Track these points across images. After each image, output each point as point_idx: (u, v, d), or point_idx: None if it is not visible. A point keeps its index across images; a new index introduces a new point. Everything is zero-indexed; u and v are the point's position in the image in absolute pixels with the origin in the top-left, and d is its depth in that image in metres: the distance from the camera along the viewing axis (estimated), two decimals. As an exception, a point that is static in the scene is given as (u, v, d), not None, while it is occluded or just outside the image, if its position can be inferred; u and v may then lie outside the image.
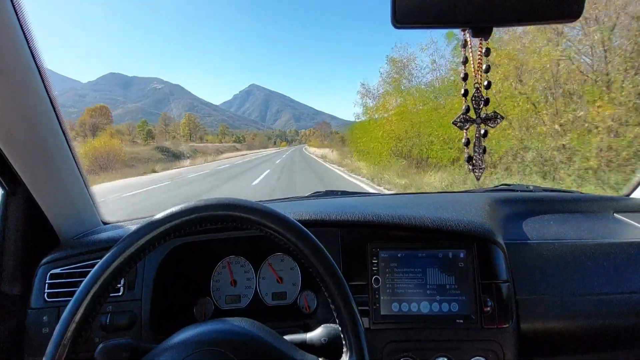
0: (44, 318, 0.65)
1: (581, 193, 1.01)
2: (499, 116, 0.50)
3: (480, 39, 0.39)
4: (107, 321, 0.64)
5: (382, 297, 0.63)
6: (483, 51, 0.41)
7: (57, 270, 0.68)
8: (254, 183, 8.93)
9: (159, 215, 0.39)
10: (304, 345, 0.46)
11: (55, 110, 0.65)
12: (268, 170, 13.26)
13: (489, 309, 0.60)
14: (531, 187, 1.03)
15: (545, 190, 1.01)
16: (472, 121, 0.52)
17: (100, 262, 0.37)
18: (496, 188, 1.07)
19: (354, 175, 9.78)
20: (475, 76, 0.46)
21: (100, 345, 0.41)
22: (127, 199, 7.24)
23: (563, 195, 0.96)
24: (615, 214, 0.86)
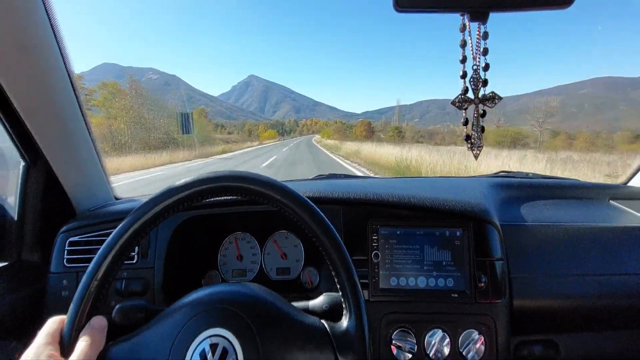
0: (64, 282, 0.68)
1: (579, 180, 1.02)
2: (496, 96, 0.53)
3: (479, 23, 0.42)
4: (123, 287, 0.68)
5: (381, 272, 0.65)
6: (481, 34, 0.44)
7: (76, 238, 0.71)
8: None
9: (177, 184, 0.40)
10: (306, 312, 0.48)
11: (74, 89, 0.67)
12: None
13: (482, 284, 0.63)
14: (530, 175, 1.04)
15: (544, 177, 1.03)
16: (471, 101, 0.55)
17: (122, 223, 0.39)
18: (496, 175, 1.09)
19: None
20: (474, 59, 0.49)
21: (117, 306, 0.43)
22: None
23: (561, 182, 0.97)
24: (611, 201, 0.87)
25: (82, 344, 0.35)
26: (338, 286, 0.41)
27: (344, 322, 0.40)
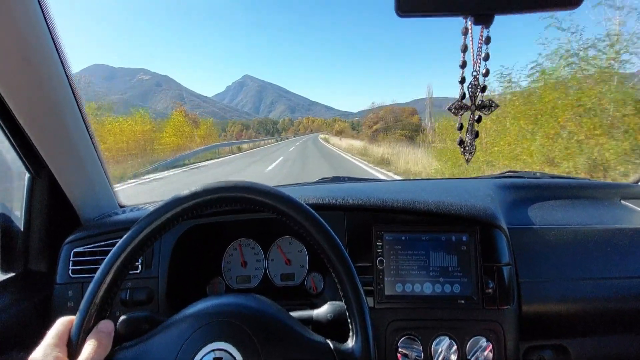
0: (69, 293, 0.68)
1: (589, 180, 1.00)
2: (493, 104, 0.52)
3: (482, 27, 0.40)
4: (127, 296, 0.67)
5: (386, 278, 0.64)
6: (483, 39, 0.42)
7: (80, 249, 0.71)
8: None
9: (182, 194, 0.41)
10: (310, 321, 0.48)
11: (76, 98, 0.66)
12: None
13: (490, 290, 0.61)
14: (538, 174, 1.03)
15: (552, 177, 1.01)
16: (467, 108, 0.54)
17: (130, 231, 0.39)
18: (503, 175, 1.08)
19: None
20: (474, 64, 0.47)
21: (122, 317, 0.43)
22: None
23: (570, 182, 0.95)
24: (622, 201, 0.85)
25: (89, 347, 0.36)
26: (343, 300, 0.41)
27: (350, 343, 0.40)
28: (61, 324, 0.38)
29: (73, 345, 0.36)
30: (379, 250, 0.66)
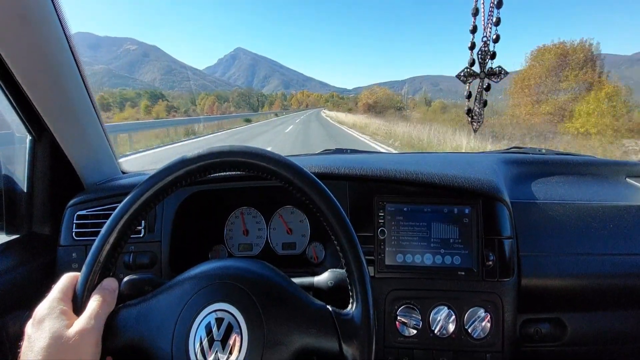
0: (73, 255, 0.70)
1: (595, 157, 0.99)
2: (503, 71, 0.52)
3: (495, -11, 0.40)
4: (130, 260, 0.69)
5: (387, 248, 0.65)
6: (495, 2, 0.42)
7: (83, 212, 0.72)
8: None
9: (189, 155, 0.40)
10: (311, 288, 0.49)
11: (76, 61, 0.65)
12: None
13: (490, 263, 0.61)
14: (543, 150, 1.02)
15: (558, 153, 1.00)
16: (476, 75, 0.54)
17: (136, 190, 0.39)
18: (508, 150, 1.08)
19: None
20: (485, 29, 0.47)
21: (126, 279, 0.43)
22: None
23: (575, 158, 0.94)
24: (627, 179, 0.84)
25: (93, 303, 0.36)
26: (345, 267, 0.41)
27: (350, 309, 0.41)
28: (66, 279, 0.38)
29: (78, 300, 0.37)
30: (380, 221, 0.66)
